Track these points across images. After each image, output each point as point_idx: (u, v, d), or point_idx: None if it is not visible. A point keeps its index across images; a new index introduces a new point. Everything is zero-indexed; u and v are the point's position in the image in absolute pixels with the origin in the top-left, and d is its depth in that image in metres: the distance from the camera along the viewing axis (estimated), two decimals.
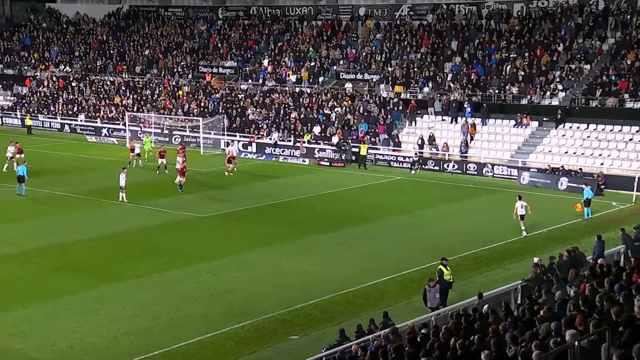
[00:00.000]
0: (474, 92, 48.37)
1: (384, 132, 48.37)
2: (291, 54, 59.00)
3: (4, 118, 65.24)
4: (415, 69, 51.99)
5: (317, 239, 28.92)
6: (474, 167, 43.24)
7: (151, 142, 48.53)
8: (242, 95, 56.70)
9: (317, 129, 50.47)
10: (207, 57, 63.24)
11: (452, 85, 49.49)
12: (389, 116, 49.21)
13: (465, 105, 47.28)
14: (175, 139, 53.73)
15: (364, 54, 55.85)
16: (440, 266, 21.29)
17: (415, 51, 53.80)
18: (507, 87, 47.61)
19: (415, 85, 51.12)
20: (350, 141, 47.79)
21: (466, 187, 39.35)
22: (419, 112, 49.21)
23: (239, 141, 51.71)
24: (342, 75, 55.20)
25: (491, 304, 17.36)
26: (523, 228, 29.36)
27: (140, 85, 62.19)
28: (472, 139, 45.83)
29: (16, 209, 33.61)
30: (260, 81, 57.79)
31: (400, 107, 49.73)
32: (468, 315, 15.13)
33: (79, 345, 19.08)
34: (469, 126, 46.07)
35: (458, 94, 48.48)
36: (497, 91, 47.76)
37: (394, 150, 46.93)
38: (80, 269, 24.87)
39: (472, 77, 49.29)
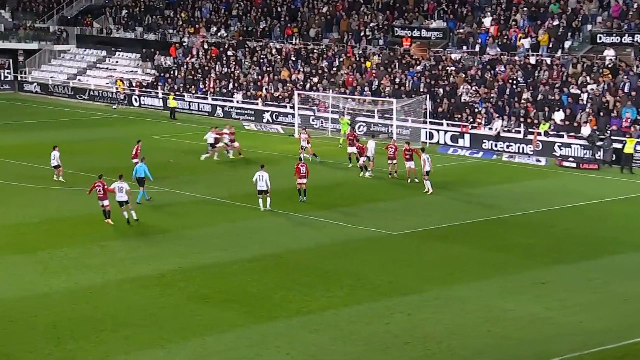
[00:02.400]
0: None
1: None
2: (524, 8, 58.24)
3: (142, 97, 69.91)
4: None
5: (555, 272, 28.57)
6: None
7: (349, 123, 50.38)
8: (453, 68, 56.78)
9: (559, 116, 49.58)
10: (405, 15, 63.98)
11: None
12: None
13: None
14: (359, 128, 54.87)
15: (635, 6, 53.96)
16: None
17: None
18: None
19: None
20: (609, 133, 46.56)
21: None
22: None
23: (445, 131, 51.75)
24: (600, 38, 53.85)
25: None
26: None
27: (315, 55, 64.19)
28: None
29: (149, 218, 35.84)
30: (479, 48, 57.54)
31: None
32: None
33: None
34: None
35: None
36: None
37: None
38: (233, 299, 26.12)
39: None
